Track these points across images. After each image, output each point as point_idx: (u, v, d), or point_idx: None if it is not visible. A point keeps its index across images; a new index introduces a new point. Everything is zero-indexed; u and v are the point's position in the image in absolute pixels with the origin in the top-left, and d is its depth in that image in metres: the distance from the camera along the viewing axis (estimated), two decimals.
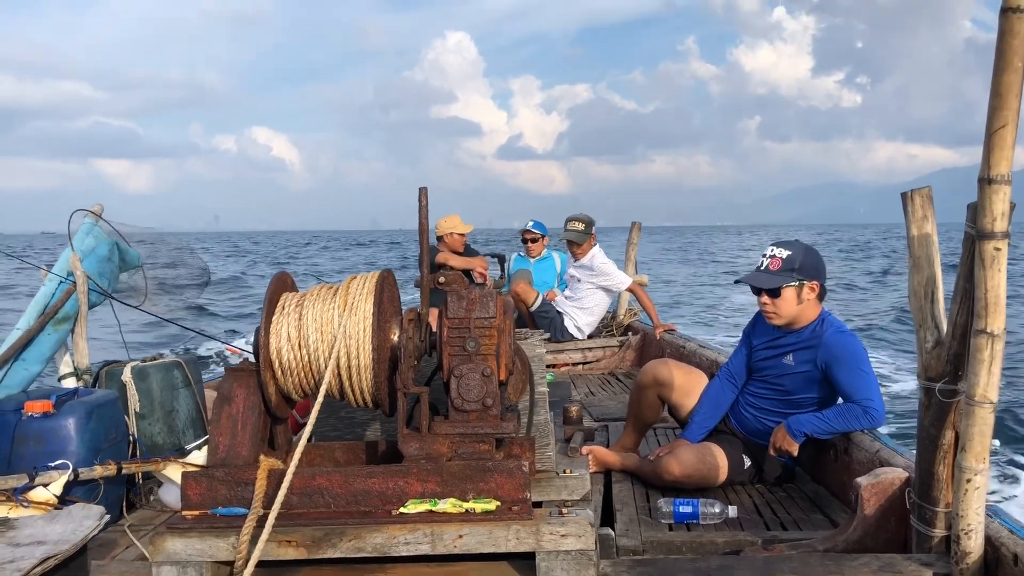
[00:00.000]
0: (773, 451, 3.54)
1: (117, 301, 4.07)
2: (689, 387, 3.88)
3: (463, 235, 7.61)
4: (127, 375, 3.70)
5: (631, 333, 7.59)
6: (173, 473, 3.24)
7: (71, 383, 3.83)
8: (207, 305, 20.49)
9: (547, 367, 6.79)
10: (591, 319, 7.19)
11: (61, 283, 3.82)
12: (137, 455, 3.58)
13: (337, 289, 2.63)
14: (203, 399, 3.99)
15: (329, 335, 2.52)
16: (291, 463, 2.35)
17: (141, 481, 3.55)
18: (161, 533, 2.40)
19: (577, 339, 7.17)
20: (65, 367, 3.89)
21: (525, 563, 2.36)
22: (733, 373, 3.81)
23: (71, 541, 2.20)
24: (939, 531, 2.43)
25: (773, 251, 3.52)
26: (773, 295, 3.46)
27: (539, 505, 2.62)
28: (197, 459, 3.26)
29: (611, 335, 7.55)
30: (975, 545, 2.30)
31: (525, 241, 7.90)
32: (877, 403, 3.35)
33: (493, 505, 2.41)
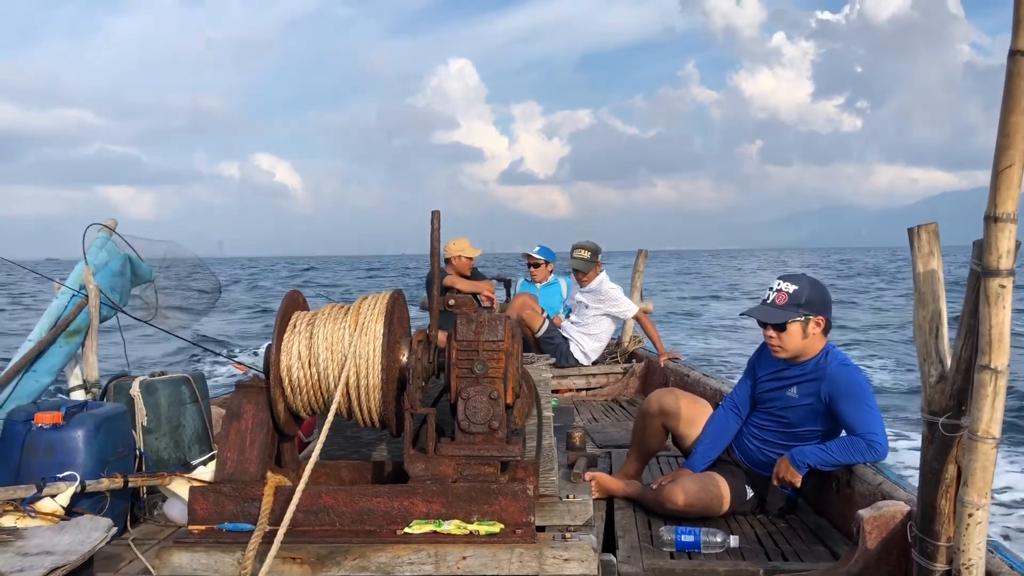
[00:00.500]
0: (776, 482, 3.55)
1: (128, 315, 4.11)
2: (693, 417, 3.90)
3: (471, 259, 7.66)
4: (135, 389, 3.72)
5: (635, 360, 7.60)
6: (178, 488, 3.26)
7: (80, 395, 3.86)
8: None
9: (552, 392, 6.80)
10: (597, 345, 7.21)
11: (73, 296, 3.86)
12: (143, 469, 3.60)
13: (348, 309, 2.67)
14: (210, 415, 4.01)
15: (339, 354, 2.55)
16: (301, 480, 2.37)
17: (146, 495, 3.56)
18: (167, 547, 2.42)
19: (582, 365, 7.19)
20: (75, 379, 3.92)
21: None
22: (737, 404, 3.83)
23: (79, 552, 2.22)
24: (940, 565, 2.43)
25: (780, 285, 3.53)
26: (779, 329, 3.48)
27: (543, 529, 2.64)
28: (203, 475, 3.28)
29: (615, 362, 7.56)
30: None
31: (530, 266, 7.97)
32: (881, 437, 3.36)
33: (497, 527, 2.43)
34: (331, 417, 2.49)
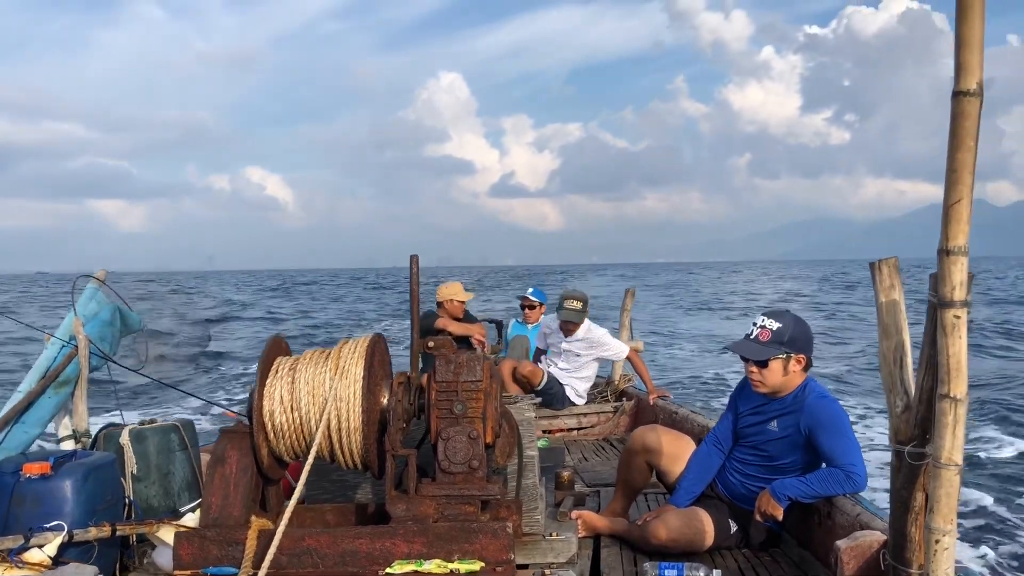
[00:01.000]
0: (759, 516, 3.58)
1: (118, 364, 4.16)
2: (676, 453, 3.94)
3: (463, 302, 7.73)
4: (125, 438, 3.75)
5: (625, 399, 7.64)
6: (167, 535, 3.28)
7: (69, 445, 3.89)
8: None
9: (543, 432, 6.84)
10: (588, 385, 7.30)
11: (63, 347, 3.91)
12: (132, 517, 3.62)
13: (329, 353, 2.73)
14: (199, 463, 4.04)
15: (320, 398, 2.61)
16: (280, 524, 2.41)
17: (135, 543, 3.58)
18: None
19: (576, 404, 7.24)
20: (64, 429, 3.95)
21: None
22: (720, 439, 3.87)
23: None
24: None
25: (763, 321, 3.59)
26: (761, 365, 3.54)
27: (525, 567, 2.67)
28: (190, 521, 3.31)
29: (605, 400, 7.60)
30: None
31: (523, 307, 8.04)
32: (859, 468, 3.40)
33: (477, 566, 2.47)
34: (311, 459, 2.54)
